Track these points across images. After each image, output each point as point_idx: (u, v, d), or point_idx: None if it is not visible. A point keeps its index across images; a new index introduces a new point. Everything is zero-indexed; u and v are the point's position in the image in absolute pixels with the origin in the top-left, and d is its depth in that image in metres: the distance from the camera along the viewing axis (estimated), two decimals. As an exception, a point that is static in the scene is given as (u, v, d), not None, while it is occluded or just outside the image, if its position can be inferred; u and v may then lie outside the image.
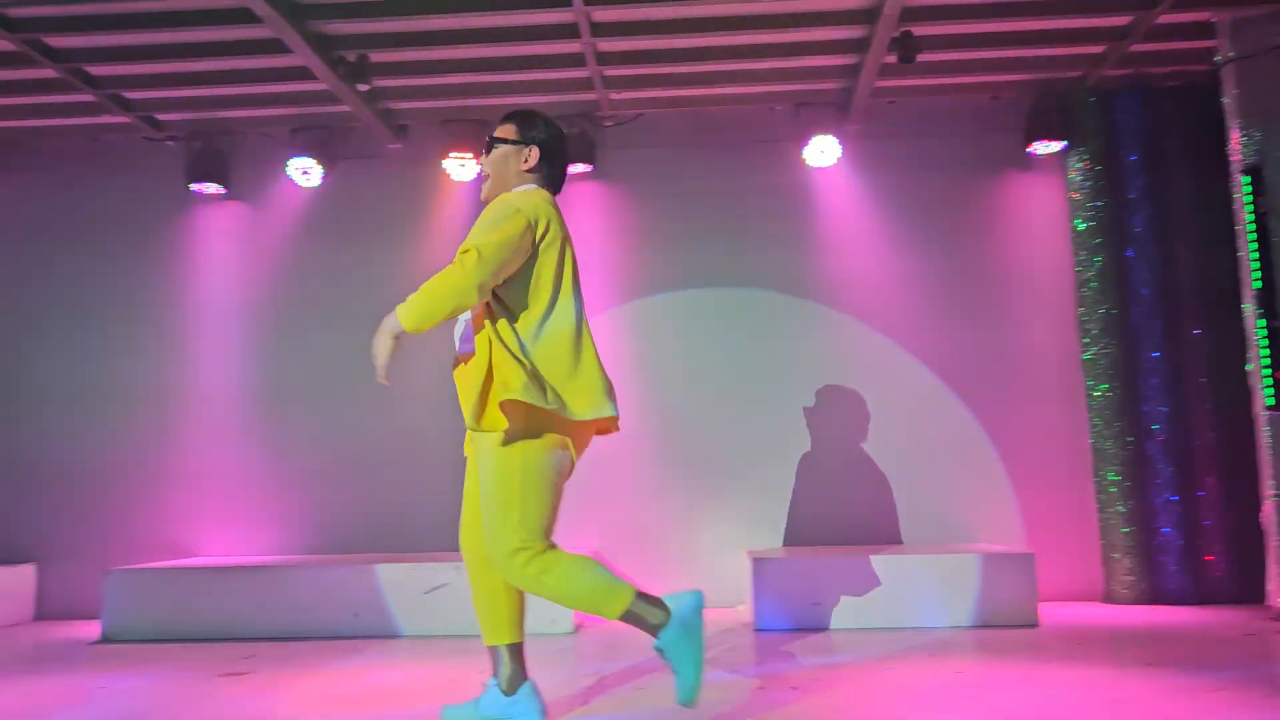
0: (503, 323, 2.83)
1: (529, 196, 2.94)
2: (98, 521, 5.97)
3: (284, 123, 6.09)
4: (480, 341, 2.84)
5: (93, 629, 5.36)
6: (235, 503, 6.00)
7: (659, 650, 2.77)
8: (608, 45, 5.31)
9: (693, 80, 5.73)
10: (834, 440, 5.86)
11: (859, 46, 5.34)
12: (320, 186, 6.12)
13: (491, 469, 2.80)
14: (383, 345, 2.78)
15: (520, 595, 3.05)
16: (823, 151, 5.83)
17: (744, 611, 5.49)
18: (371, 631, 4.99)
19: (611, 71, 5.56)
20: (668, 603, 2.80)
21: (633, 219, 6.09)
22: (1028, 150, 5.85)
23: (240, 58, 5.36)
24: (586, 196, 6.11)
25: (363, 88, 5.33)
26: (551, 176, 3.11)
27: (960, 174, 6.00)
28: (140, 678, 4.04)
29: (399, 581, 5.02)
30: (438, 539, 5.72)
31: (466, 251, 2.76)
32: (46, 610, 5.93)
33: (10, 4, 4.81)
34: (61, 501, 6.01)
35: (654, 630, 2.77)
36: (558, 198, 3.10)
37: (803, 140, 5.86)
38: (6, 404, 6.14)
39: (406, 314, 2.77)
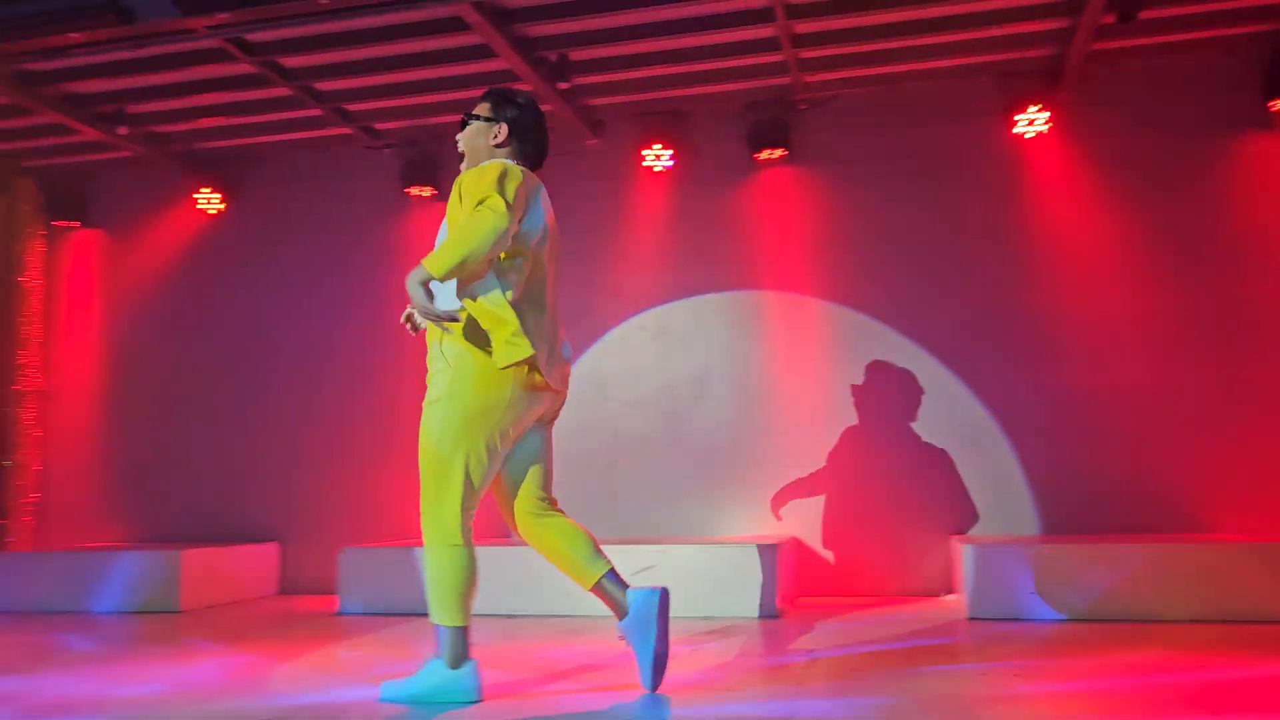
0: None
1: (512, 168, 3.03)
2: (333, 504, 6.44)
3: (490, 125, 6.36)
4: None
5: (331, 603, 5.78)
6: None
7: (621, 632, 3.12)
8: (803, 27, 5.27)
9: (889, 57, 5.61)
10: (1059, 423, 5.60)
11: (1071, 9, 5.08)
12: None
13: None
14: (417, 293, 2.84)
15: (579, 528, 3.30)
16: (1032, 122, 5.57)
17: (953, 600, 5.33)
18: (582, 611, 5.14)
19: (806, 53, 5.52)
20: (630, 595, 3.09)
21: (830, 203, 6.02)
22: (1269, 107, 5.38)
23: (450, 65, 5.64)
24: (782, 182, 6.09)
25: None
26: (524, 152, 3.25)
27: (1191, 138, 5.58)
28: (376, 645, 4.35)
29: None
30: (645, 523, 5.86)
31: (484, 200, 2.84)
32: (289, 585, 6.45)
33: (249, 29, 5.25)
34: (301, 486, 6.52)
35: (618, 613, 3.11)
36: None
37: (1009, 112, 5.63)
38: (252, 395, 6.71)
39: (438, 261, 2.83)
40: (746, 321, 6.07)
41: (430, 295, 2.87)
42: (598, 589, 3.15)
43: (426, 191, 6.46)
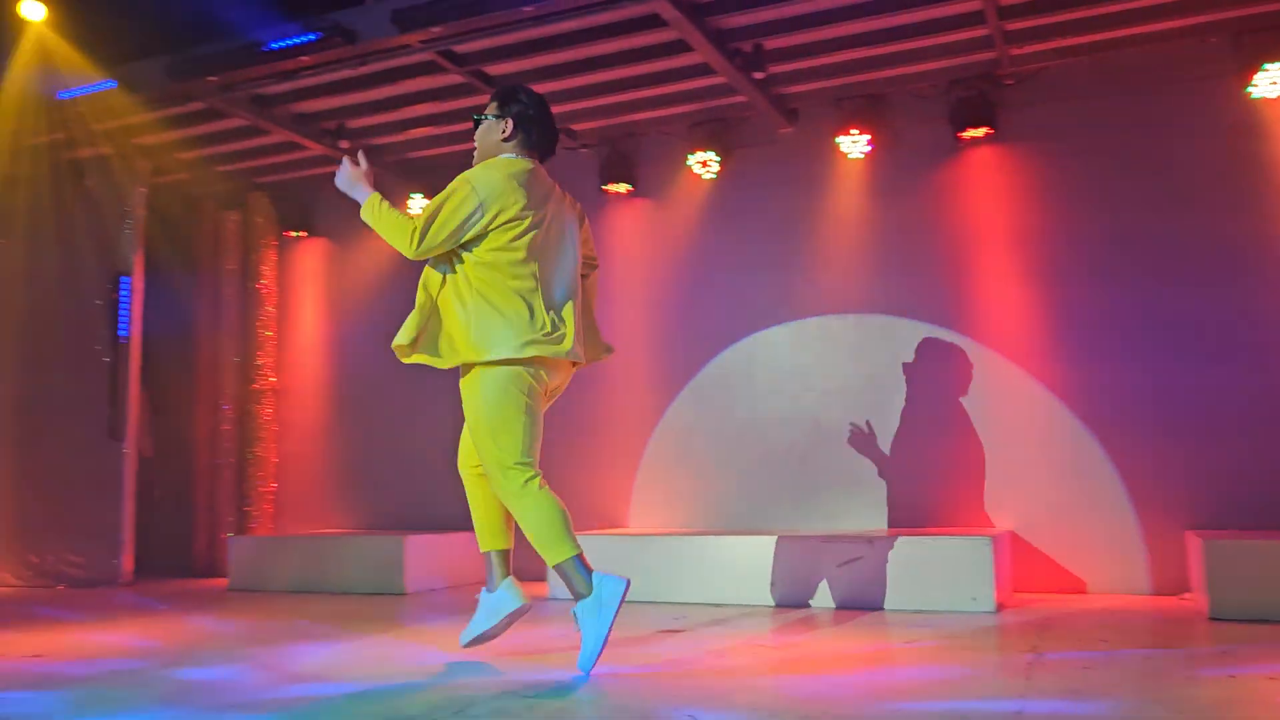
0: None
1: (491, 175, 3.38)
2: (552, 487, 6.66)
3: (683, 120, 6.43)
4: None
5: (542, 589, 5.98)
6: (657, 481, 6.44)
7: (574, 614, 3.32)
8: (1009, -1, 5.05)
9: (1105, 23, 5.28)
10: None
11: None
12: (717, 177, 6.40)
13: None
14: (346, 182, 3.60)
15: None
16: (1274, 82, 5.12)
17: (1191, 599, 4.98)
18: (787, 600, 5.13)
19: (1013, 25, 5.27)
20: (595, 580, 3.27)
21: (1039, 181, 5.73)
22: None
23: (645, 63, 5.72)
24: (987, 161, 5.85)
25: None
26: (531, 143, 3.54)
27: None
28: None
29: (815, 554, 5.12)
30: (850, 513, 5.78)
31: (414, 228, 3.36)
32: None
33: (457, 41, 5.50)
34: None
35: (576, 595, 3.29)
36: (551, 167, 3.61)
37: (1245, 73, 5.19)
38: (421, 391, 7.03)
39: (367, 211, 3.53)
40: (951, 309, 5.87)
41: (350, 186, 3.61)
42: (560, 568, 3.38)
43: (623, 188, 6.59)
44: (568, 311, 3.51)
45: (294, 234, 7.65)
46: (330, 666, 3.72)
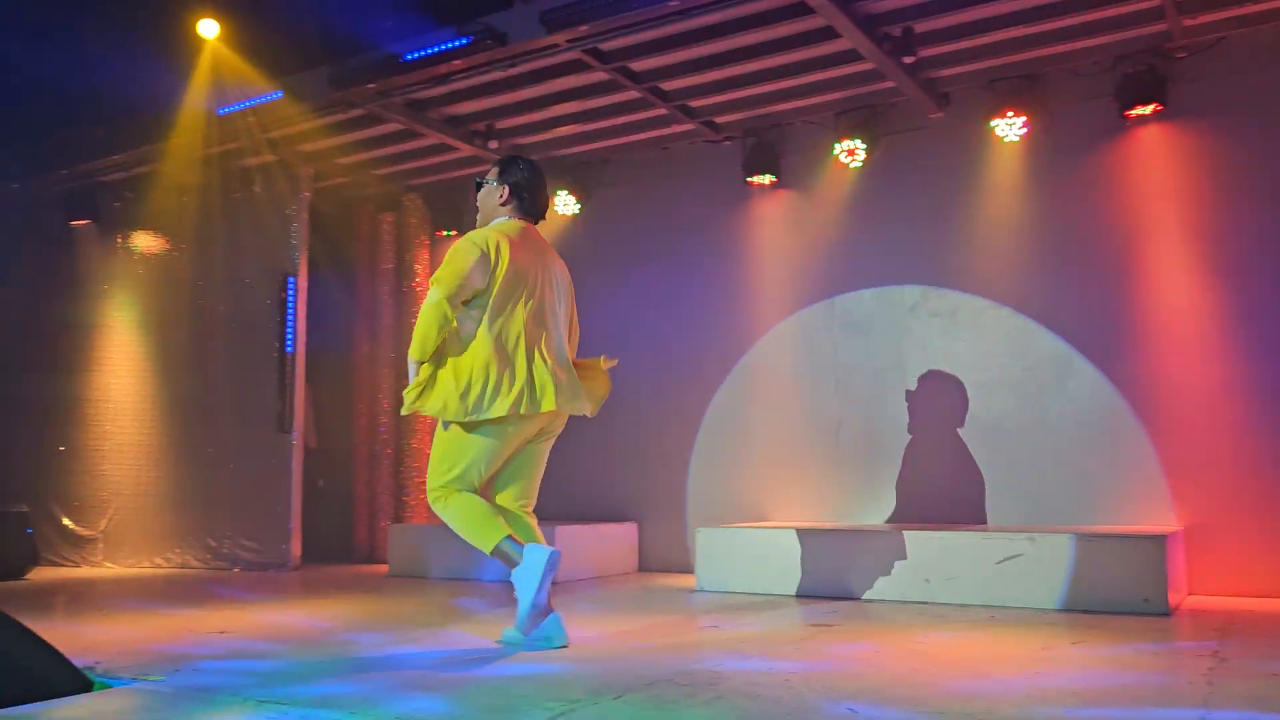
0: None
1: (487, 233, 3.79)
2: (688, 486, 6.72)
3: (829, 108, 6.34)
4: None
5: (688, 579, 6.02)
6: (804, 473, 6.39)
7: (512, 582, 3.71)
8: (1182, -35, 4.78)
9: (1291, -13, 4.94)
10: None
11: None
12: (864, 166, 6.28)
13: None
14: (413, 374, 3.72)
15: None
16: None
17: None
18: (940, 598, 5.00)
19: (1187, -7, 4.99)
20: (525, 551, 3.66)
21: (1213, 160, 5.40)
22: None
23: (790, 52, 5.67)
24: (1156, 140, 5.55)
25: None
26: (524, 209, 3.96)
27: None
28: (738, 621, 4.48)
29: (972, 550, 4.98)
30: (1011, 509, 5.60)
31: (440, 300, 3.63)
32: (647, 563, 6.80)
33: (604, 39, 5.57)
34: (659, 469, 6.86)
35: (511, 567, 3.69)
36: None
37: None
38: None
39: (412, 348, 3.70)
40: (1115, 299, 5.59)
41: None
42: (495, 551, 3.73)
43: (767, 179, 6.54)
44: (549, 365, 3.83)
45: (445, 233, 7.90)
46: (490, 649, 3.83)
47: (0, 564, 6.92)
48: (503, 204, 3.94)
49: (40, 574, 7.30)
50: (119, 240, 8.10)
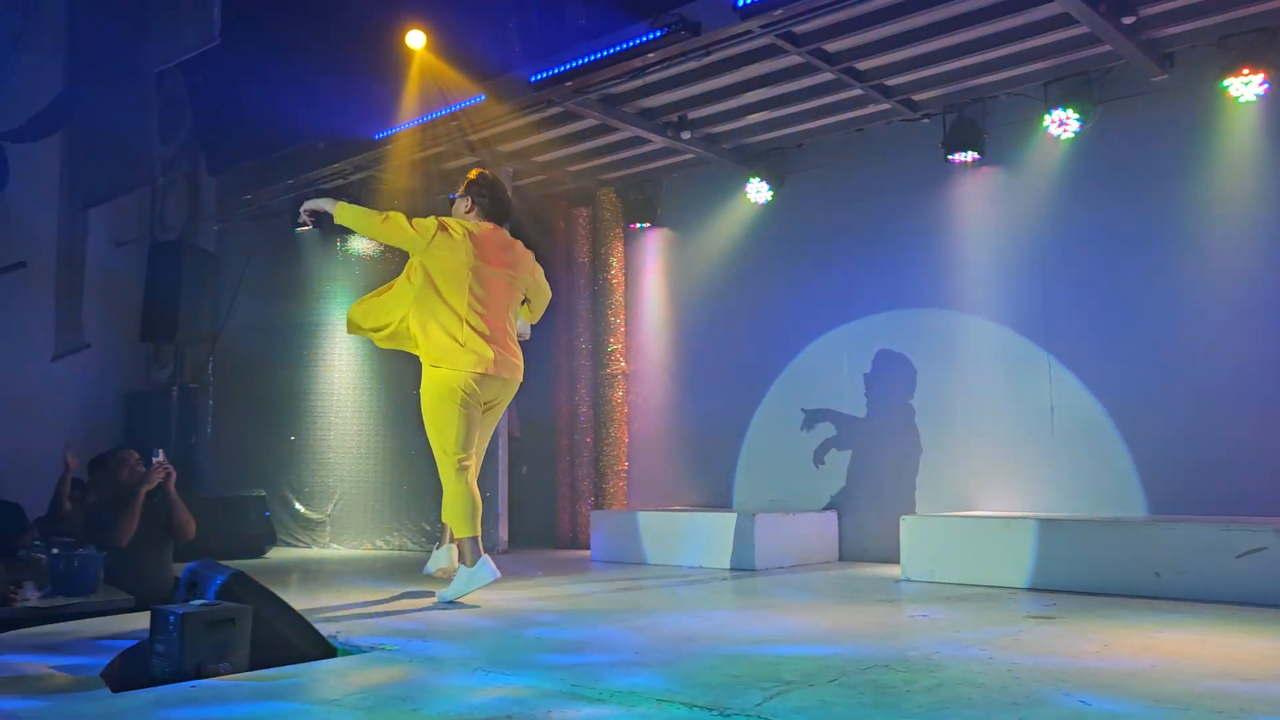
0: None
1: (454, 220, 4.68)
2: (891, 474, 6.56)
3: (1037, 78, 6.04)
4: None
5: (891, 569, 5.89)
6: (1014, 460, 6.12)
7: (458, 569, 4.57)
8: None
9: None
10: None
11: None
12: (1077, 137, 5.95)
13: None
14: (315, 204, 4.76)
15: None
16: None
17: None
18: (1170, 593, 4.68)
19: None
20: (480, 561, 4.48)
21: None
22: None
23: (995, 21, 5.44)
24: None
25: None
26: (485, 214, 4.79)
27: None
28: (951, 611, 4.34)
29: (1209, 542, 4.63)
30: (1256, 498, 5.17)
31: (386, 217, 4.57)
32: (847, 552, 6.70)
33: (797, 22, 5.51)
34: (860, 456, 6.74)
35: (462, 562, 4.52)
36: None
37: None
38: (808, 372, 7.07)
39: (343, 213, 4.59)
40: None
41: (314, 213, 4.83)
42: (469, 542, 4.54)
43: (970, 156, 6.29)
44: (493, 337, 4.57)
45: (638, 225, 8.04)
46: (698, 630, 3.87)
47: (243, 544, 7.57)
48: (468, 212, 4.81)
49: (277, 553, 7.93)
50: (338, 244, 8.66)
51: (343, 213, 4.60)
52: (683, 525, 6.57)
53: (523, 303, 4.94)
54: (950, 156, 6.35)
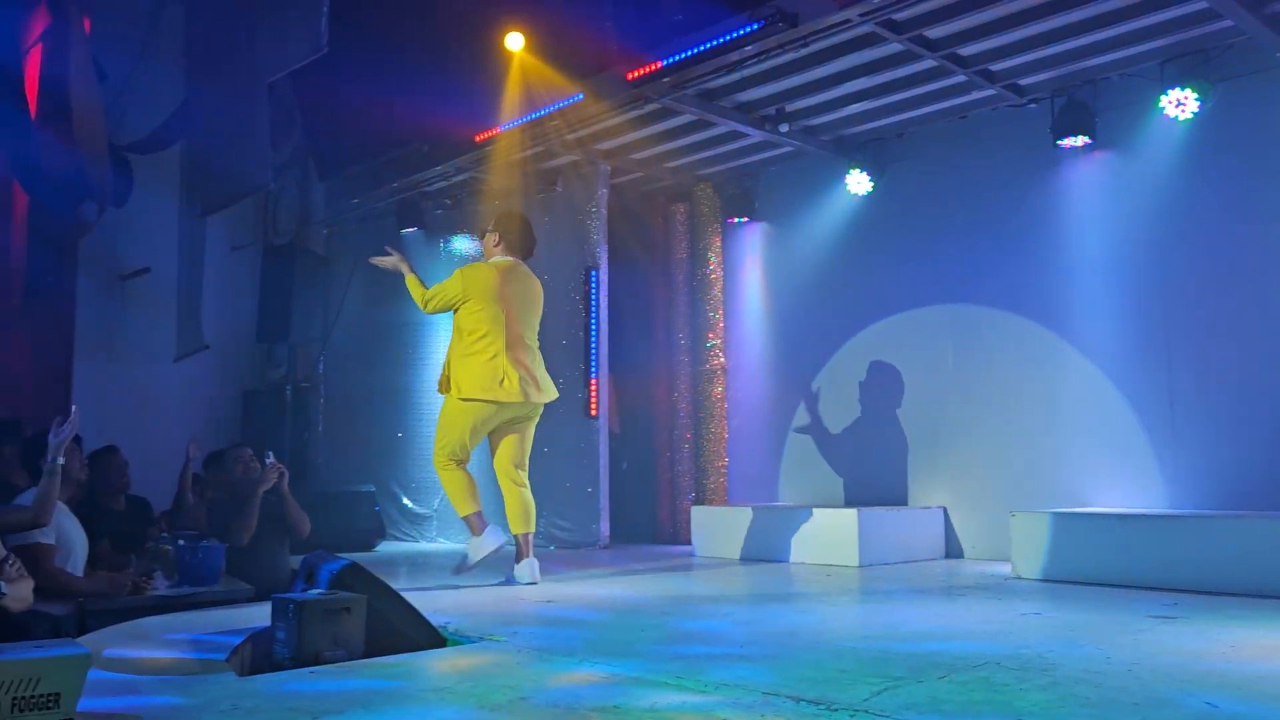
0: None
1: (477, 269, 5.25)
2: (998, 469, 6.40)
3: (1152, 57, 5.80)
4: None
5: (1000, 565, 5.74)
6: (1129, 454, 5.91)
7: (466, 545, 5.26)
8: None
9: None
10: None
11: None
12: (1196, 117, 5.70)
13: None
14: (391, 263, 5.39)
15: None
16: None
17: None
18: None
19: None
20: (487, 529, 5.16)
21: None
22: None
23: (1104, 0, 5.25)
24: None
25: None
26: (511, 249, 5.33)
27: None
28: (1065, 609, 4.21)
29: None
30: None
31: (427, 300, 5.22)
32: (955, 549, 6.55)
33: (897, 9, 5.41)
34: (967, 451, 6.58)
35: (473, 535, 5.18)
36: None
37: None
38: (911, 366, 6.93)
39: (410, 284, 5.27)
40: None
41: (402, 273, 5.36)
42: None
43: (1080, 140, 6.08)
44: (521, 365, 5.11)
45: (736, 220, 8.00)
46: (802, 625, 3.85)
47: (353, 537, 7.80)
48: (496, 246, 5.35)
49: (385, 547, 8.15)
50: (441, 245, 8.86)
51: (408, 281, 5.32)
52: (784, 520, 6.53)
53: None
54: (1060, 142, 6.15)
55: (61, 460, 3.84)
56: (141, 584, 4.40)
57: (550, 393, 5.25)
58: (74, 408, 3.89)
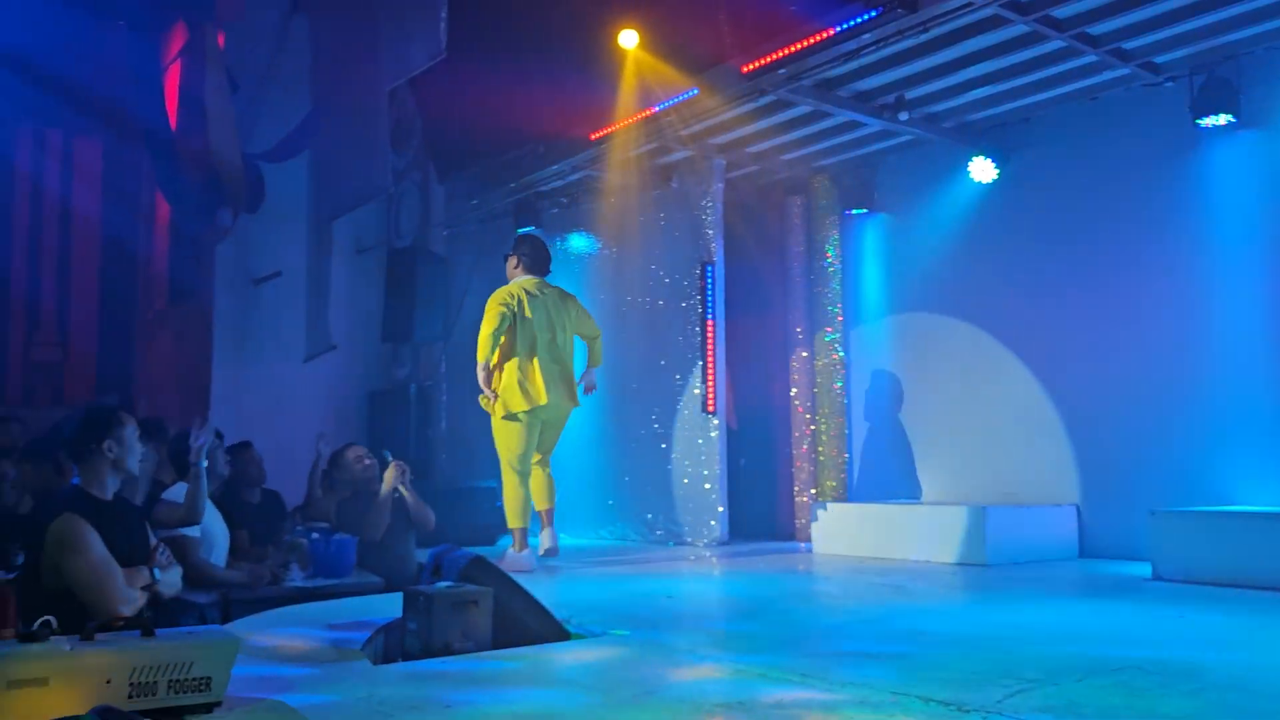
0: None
1: (498, 291, 5.88)
2: (1135, 466, 6.12)
3: (1302, 28, 5.46)
4: None
5: (1137, 566, 5.49)
6: (1275, 450, 5.57)
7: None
8: None
9: None
10: None
11: None
12: (1352, 90, 5.33)
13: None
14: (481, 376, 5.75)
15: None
16: None
17: None
18: None
19: None
20: (525, 556, 5.66)
21: None
22: None
23: (1250, -32, 4.96)
24: None
25: None
26: (530, 269, 5.98)
27: None
28: (1210, 612, 4.00)
29: None
30: None
31: (483, 350, 5.68)
32: (1088, 549, 6.29)
33: (1020, -12, 5.22)
34: (1103, 446, 6.31)
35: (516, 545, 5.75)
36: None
37: None
38: (1035, 357, 6.69)
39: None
40: None
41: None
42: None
43: (1223, 119, 5.75)
44: (551, 373, 5.75)
45: (855, 211, 7.86)
46: (929, 624, 3.75)
47: (476, 532, 7.95)
48: (515, 269, 5.99)
49: (507, 540, 8.27)
50: (558, 242, 8.96)
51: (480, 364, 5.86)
52: (908, 518, 6.39)
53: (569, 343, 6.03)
54: (1200, 121, 5.83)
55: (205, 462, 4.03)
56: (279, 575, 4.59)
57: (575, 400, 5.91)
58: (202, 417, 4.11)
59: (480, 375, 5.71)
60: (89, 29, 8.47)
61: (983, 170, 6.91)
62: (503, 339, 5.71)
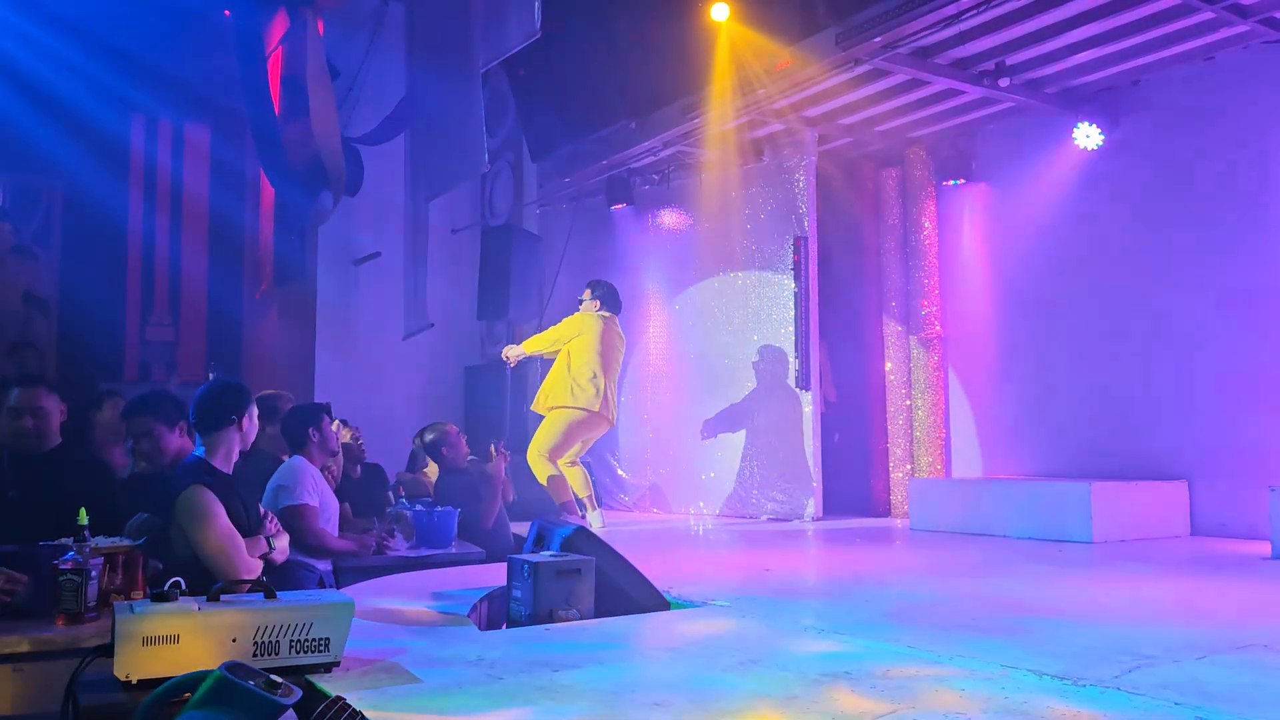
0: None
1: (584, 316, 7.07)
2: (1250, 440, 5.88)
3: None
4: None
5: (1254, 546, 5.28)
6: None
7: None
8: None
9: None
10: None
11: None
12: None
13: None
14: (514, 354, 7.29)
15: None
16: None
17: None
18: None
19: None
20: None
21: None
22: None
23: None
24: None
25: None
26: (607, 307, 7.09)
27: None
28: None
29: None
30: None
31: (552, 343, 7.10)
32: (1199, 526, 6.07)
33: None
34: (1216, 420, 6.08)
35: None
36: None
37: None
38: (1147, 329, 6.46)
39: (530, 348, 7.26)
40: None
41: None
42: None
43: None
44: (609, 390, 6.84)
45: (952, 182, 7.68)
46: (1037, 600, 3.68)
47: (553, 506, 8.05)
48: (597, 309, 7.00)
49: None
50: (649, 219, 8.97)
51: (527, 349, 7.30)
52: (1009, 494, 6.25)
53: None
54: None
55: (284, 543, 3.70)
56: (384, 545, 4.73)
57: (614, 418, 7.09)
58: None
59: (514, 351, 7.21)
60: (197, 20, 8.77)
61: (1088, 137, 6.67)
62: (588, 357, 6.79)
